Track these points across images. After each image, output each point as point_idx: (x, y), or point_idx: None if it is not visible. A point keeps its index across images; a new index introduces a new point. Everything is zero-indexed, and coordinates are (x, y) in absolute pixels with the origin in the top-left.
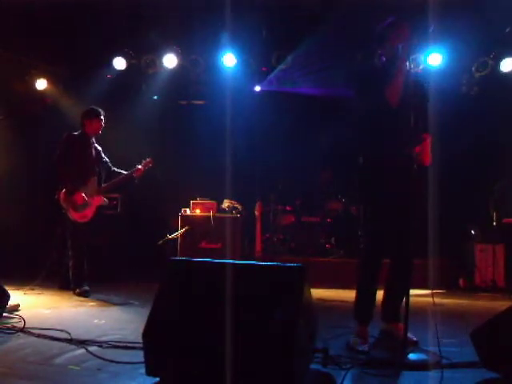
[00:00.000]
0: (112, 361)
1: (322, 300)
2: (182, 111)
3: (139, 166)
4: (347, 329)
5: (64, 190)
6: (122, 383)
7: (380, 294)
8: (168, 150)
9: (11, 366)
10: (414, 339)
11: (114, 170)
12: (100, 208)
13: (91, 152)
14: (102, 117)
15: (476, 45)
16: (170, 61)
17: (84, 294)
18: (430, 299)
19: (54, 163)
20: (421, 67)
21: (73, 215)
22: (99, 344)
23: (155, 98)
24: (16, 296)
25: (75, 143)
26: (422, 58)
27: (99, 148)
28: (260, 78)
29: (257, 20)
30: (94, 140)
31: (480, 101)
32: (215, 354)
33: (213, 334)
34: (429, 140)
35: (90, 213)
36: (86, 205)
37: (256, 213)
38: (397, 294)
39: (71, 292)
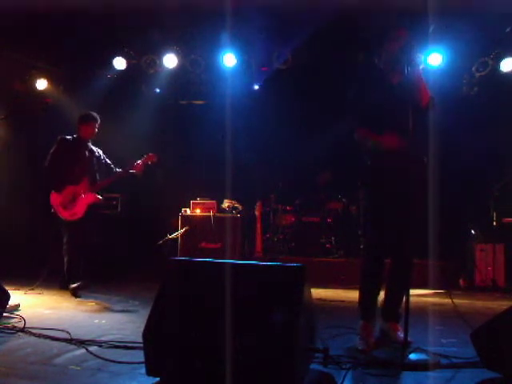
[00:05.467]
0: (112, 361)
1: (322, 300)
2: (182, 111)
3: (138, 162)
4: (347, 329)
5: (53, 191)
6: (122, 383)
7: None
8: (168, 150)
9: (11, 365)
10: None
11: (117, 171)
12: (95, 207)
13: (84, 155)
14: (97, 122)
15: (476, 45)
16: (170, 61)
17: (74, 292)
18: (430, 299)
19: (45, 167)
20: (421, 67)
21: (62, 214)
22: (99, 344)
23: (157, 91)
24: (16, 296)
25: (67, 147)
26: (422, 57)
27: (99, 152)
28: (260, 77)
29: (257, 20)
30: (89, 144)
31: (480, 101)
32: (215, 354)
33: (213, 334)
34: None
35: (80, 210)
36: (74, 199)
37: (256, 213)
38: (396, 293)
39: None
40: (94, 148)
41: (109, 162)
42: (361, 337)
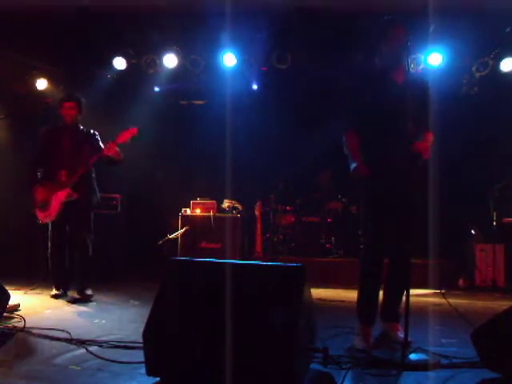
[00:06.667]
0: (112, 361)
1: (322, 300)
2: (182, 111)
3: (109, 142)
4: (347, 329)
5: (29, 191)
6: (122, 383)
7: (380, 294)
8: (168, 150)
9: (11, 365)
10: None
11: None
12: (80, 205)
13: (67, 143)
14: (72, 101)
15: (476, 45)
16: (170, 61)
17: (53, 297)
18: (430, 299)
19: (27, 163)
20: (421, 67)
21: (39, 215)
22: (99, 344)
23: (157, 90)
24: (16, 296)
25: (50, 137)
26: (421, 57)
27: (88, 131)
28: (260, 77)
29: (257, 20)
30: (79, 127)
31: (480, 101)
32: (215, 354)
33: (213, 333)
34: (431, 135)
35: (53, 211)
36: (47, 199)
37: (256, 213)
38: (395, 294)
39: (71, 292)
40: (81, 128)
41: (102, 146)
42: (360, 337)
